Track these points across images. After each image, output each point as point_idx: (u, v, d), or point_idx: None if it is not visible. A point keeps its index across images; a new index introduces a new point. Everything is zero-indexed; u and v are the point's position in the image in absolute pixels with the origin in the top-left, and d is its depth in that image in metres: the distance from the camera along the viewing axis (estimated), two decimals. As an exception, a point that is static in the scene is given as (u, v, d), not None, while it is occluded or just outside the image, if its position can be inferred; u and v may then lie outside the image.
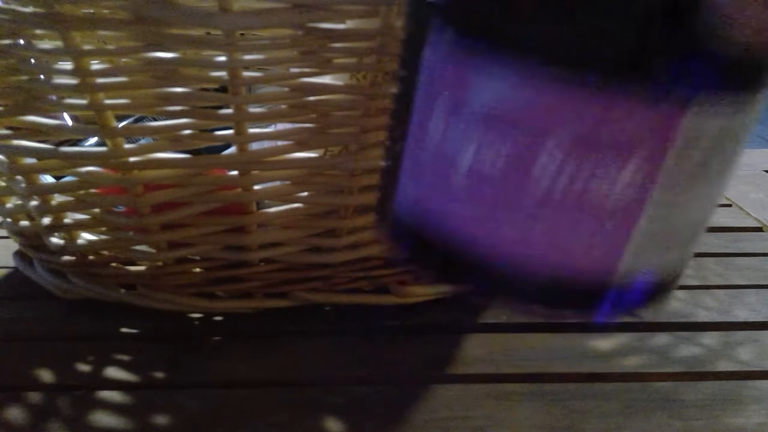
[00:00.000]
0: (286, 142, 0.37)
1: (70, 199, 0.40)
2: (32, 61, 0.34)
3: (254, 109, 0.35)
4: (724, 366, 0.40)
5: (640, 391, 0.37)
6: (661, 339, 0.42)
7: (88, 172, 0.37)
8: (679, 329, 0.43)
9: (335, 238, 0.41)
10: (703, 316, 0.45)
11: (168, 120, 0.35)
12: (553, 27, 0.18)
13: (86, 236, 0.42)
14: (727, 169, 0.21)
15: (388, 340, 0.42)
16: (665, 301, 0.26)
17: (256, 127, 0.37)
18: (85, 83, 0.34)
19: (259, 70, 0.34)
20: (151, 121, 0.46)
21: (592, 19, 0.17)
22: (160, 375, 0.39)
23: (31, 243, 0.45)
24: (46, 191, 0.39)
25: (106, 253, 0.42)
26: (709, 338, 0.42)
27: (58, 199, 0.41)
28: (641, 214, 0.20)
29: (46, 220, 0.41)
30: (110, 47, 0.33)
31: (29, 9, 0.32)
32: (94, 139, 0.45)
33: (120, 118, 0.45)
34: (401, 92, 0.22)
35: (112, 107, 0.35)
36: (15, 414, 0.35)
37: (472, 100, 0.19)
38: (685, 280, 0.50)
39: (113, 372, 0.39)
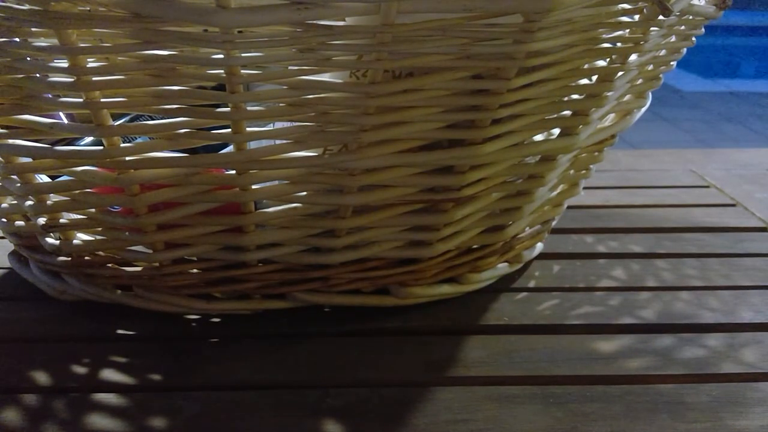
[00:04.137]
0: (284, 141, 0.36)
1: (66, 198, 0.39)
2: (28, 59, 0.34)
3: (252, 108, 0.34)
4: (728, 368, 0.39)
5: (644, 394, 0.37)
6: (664, 341, 0.42)
7: (83, 172, 0.37)
8: (683, 330, 0.43)
9: (334, 238, 0.40)
10: (707, 318, 0.44)
11: (165, 118, 0.35)
12: None
13: (82, 236, 0.42)
14: None
15: (387, 342, 0.42)
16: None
17: (254, 126, 0.36)
18: (81, 81, 0.33)
19: (257, 67, 0.33)
20: (147, 119, 0.45)
21: None
22: (157, 377, 0.38)
23: (27, 243, 0.44)
24: (41, 191, 0.39)
25: (102, 253, 0.42)
26: (714, 340, 0.42)
27: (53, 198, 0.40)
28: None
29: (42, 220, 0.41)
30: (106, 45, 0.33)
31: (25, 6, 0.32)
32: (89, 139, 0.45)
33: (116, 117, 0.44)
34: None
35: (108, 105, 0.34)
36: (10, 416, 0.35)
37: None
38: (689, 281, 0.49)
39: (109, 374, 0.38)
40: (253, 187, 0.38)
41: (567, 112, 0.42)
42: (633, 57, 0.41)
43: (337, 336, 0.42)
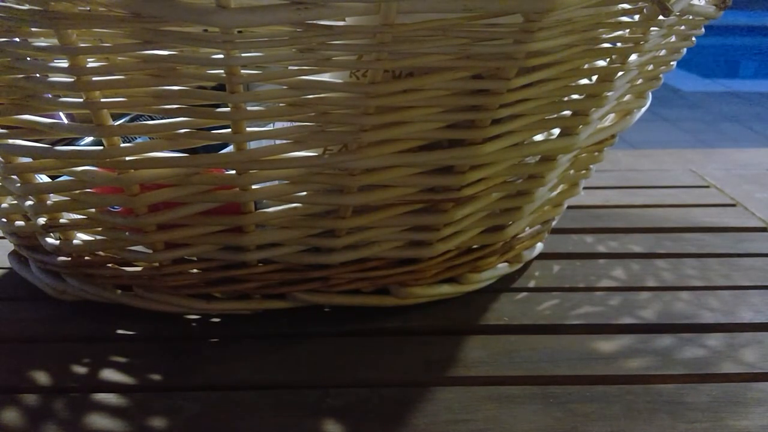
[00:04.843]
0: (284, 141, 0.36)
1: (66, 198, 0.39)
2: (28, 59, 0.34)
3: (252, 108, 0.34)
4: (728, 368, 0.39)
5: (644, 394, 0.37)
6: (664, 341, 0.42)
7: (83, 172, 0.37)
8: (683, 330, 0.43)
9: (334, 238, 0.40)
10: (707, 318, 0.44)
11: (165, 118, 0.35)
12: None
13: (82, 236, 0.42)
14: None
15: (387, 342, 0.42)
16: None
17: (254, 126, 0.36)
18: (81, 81, 0.33)
19: (257, 67, 0.33)
20: (147, 119, 0.45)
21: None
22: (157, 377, 0.38)
23: (27, 243, 0.44)
24: (41, 191, 0.39)
25: (102, 253, 0.42)
26: (714, 340, 0.42)
27: (53, 198, 0.40)
28: None
29: (42, 220, 0.41)
30: (106, 45, 0.33)
31: (25, 6, 0.32)
32: (89, 139, 0.45)
33: (116, 117, 0.44)
34: None
35: (108, 105, 0.34)
36: (10, 416, 0.35)
37: None
38: (689, 281, 0.49)
39: (110, 374, 0.38)
40: (253, 187, 0.38)
41: (567, 112, 0.42)
42: (633, 57, 0.41)
43: (337, 336, 0.42)
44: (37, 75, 0.35)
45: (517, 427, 0.34)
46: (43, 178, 0.41)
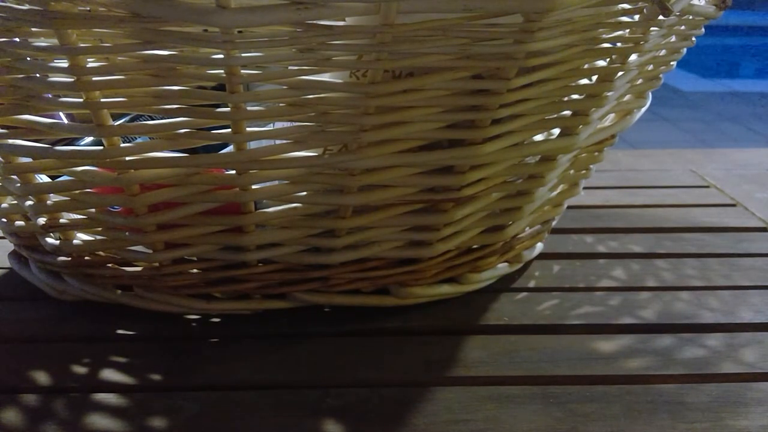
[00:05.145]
0: (284, 141, 0.36)
1: (66, 198, 0.39)
2: (28, 59, 0.34)
3: (252, 108, 0.34)
4: (728, 368, 0.39)
5: (644, 394, 0.37)
6: (664, 341, 0.42)
7: (83, 172, 0.37)
8: (682, 330, 0.43)
9: (334, 238, 0.40)
10: (707, 318, 0.44)
11: (165, 118, 0.35)
12: None
13: (82, 236, 0.42)
14: None
15: (387, 342, 0.42)
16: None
17: (254, 126, 0.36)
18: (81, 81, 0.33)
19: (257, 67, 0.33)
20: (147, 119, 0.45)
21: None
22: (156, 377, 0.38)
23: (27, 243, 0.44)
24: (41, 191, 0.39)
25: (102, 253, 0.42)
26: (714, 340, 0.42)
27: (53, 198, 0.40)
28: None
29: (42, 220, 0.41)
30: (106, 45, 0.33)
31: (25, 6, 0.32)
32: (89, 139, 0.45)
33: (116, 117, 0.44)
34: None
35: (108, 105, 0.34)
36: (10, 416, 0.35)
37: None
38: (689, 281, 0.49)
39: (109, 374, 0.38)
40: (253, 187, 0.38)
41: (567, 112, 0.42)
42: (633, 57, 0.41)
43: (337, 336, 0.42)
44: (37, 75, 0.35)
45: (517, 427, 0.34)
46: (43, 178, 0.41)
